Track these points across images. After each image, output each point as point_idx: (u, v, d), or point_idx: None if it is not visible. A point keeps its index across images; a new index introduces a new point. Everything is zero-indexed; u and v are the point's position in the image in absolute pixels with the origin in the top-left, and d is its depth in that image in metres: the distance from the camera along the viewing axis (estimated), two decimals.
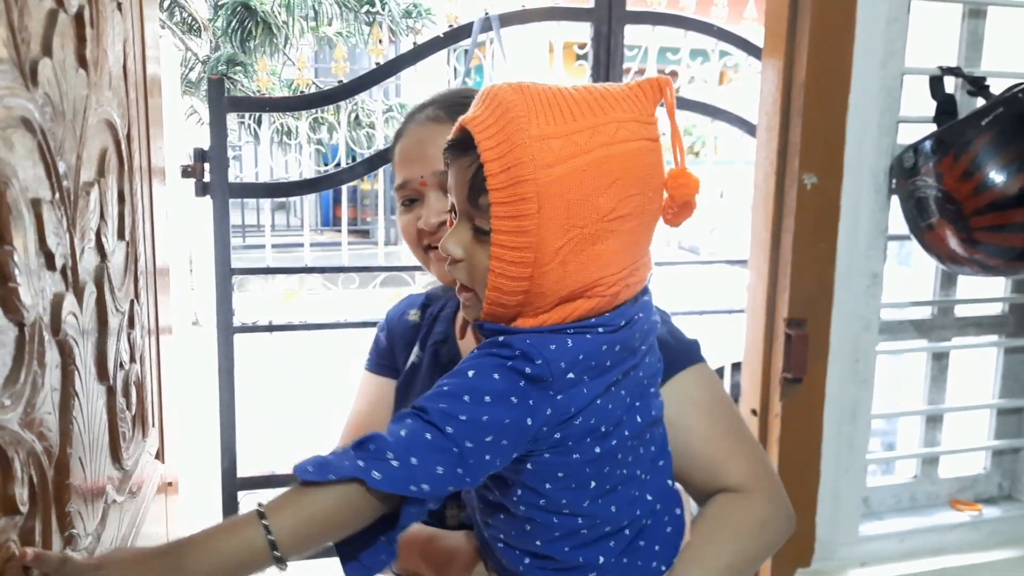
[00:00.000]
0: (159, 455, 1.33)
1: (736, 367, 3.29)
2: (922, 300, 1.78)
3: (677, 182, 0.80)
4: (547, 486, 0.82)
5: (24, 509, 0.67)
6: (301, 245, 3.02)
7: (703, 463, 0.96)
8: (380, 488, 0.71)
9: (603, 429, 0.82)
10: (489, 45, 2.93)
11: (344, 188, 2.98)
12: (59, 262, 0.76)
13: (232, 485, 2.60)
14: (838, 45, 1.51)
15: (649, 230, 0.82)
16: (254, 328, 2.70)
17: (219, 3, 6.47)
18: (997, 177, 1.42)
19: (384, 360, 1.22)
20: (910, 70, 1.57)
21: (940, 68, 1.58)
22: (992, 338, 1.80)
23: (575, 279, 0.77)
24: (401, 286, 3.14)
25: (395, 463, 0.71)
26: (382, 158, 2.68)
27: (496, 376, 0.76)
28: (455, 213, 0.83)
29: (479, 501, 0.91)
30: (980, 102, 1.55)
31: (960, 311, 1.78)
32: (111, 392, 0.98)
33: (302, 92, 3.02)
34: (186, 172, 2.66)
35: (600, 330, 0.80)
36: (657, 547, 0.90)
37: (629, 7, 2.86)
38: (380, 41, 2.96)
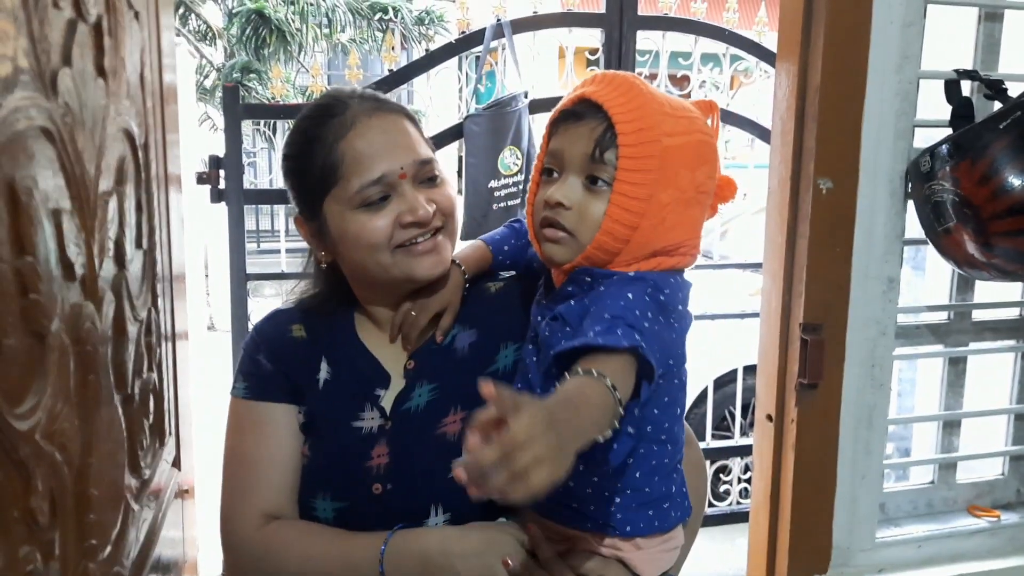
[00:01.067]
0: (176, 463, 1.34)
1: (748, 370, 3.29)
2: (939, 304, 1.77)
3: (726, 182, 0.98)
4: (655, 411, 0.91)
5: (44, 521, 0.67)
6: None
7: None
8: (649, 357, 0.80)
9: (685, 360, 0.94)
10: (501, 51, 2.94)
11: None
12: (78, 272, 0.77)
13: None
14: (853, 49, 1.50)
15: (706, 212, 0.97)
16: None
17: (233, 11, 6.50)
18: (1015, 181, 1.41)
19: (270, 386, 1.10)
20: (926, 74, 1.56)
21: (956, 72, 1.57)
22: (1009, 343, 1.79)
23: (670, 235, 0.90)
24: None
25: (644, 343, 0.81)
26: None
27: (647, 299, 0.87)
28: (551, 174, 0.95)
29: None
30: (997, 106, 1.53)
31: (977, 316, 1.76)
32: (129, 401, 0.99)
33: None
34: (201, 179, 2.68)
35: (683, 277, 0.95)
36: (684, 488, 1.00)
37: (640, 12, 2.86)
38: (393, 48, 2.97)
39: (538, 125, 2.94)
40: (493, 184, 2.87)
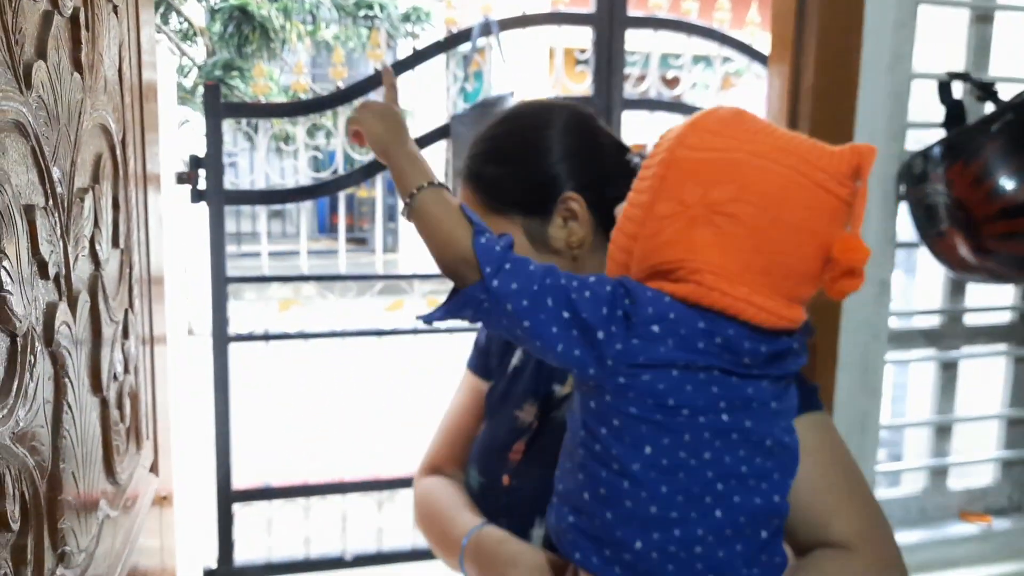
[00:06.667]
0: (153, 468, 1.30)
1: None
2: (931, 309, 1.76)
3: (846, 246, 0.78)
4: (603, 430, 0.82)
5: (16, 526, 0.64)
6: (297, 253, 2.98)
7: (807, 515, 0.90)
8: (476, 246, 0.83)
9: (671, 402, 0.79)
10: (489, 50, 2.91)
11: (341, 195, 2.95)
12: (52, 270, 0.74)
13: (227, 497, 2.57)
14: (845, 50, 1.49)
15: (759, 250, 0.79)
16: (249, 337, 2.67)
17: (216, 8, 6.44)
18: (1008, 184, 1.40)
19: (478, 359, 1.23)
20: (918, 75, 1.55)
21: (948, 73, 1.56)
22: (1001, 347, 1.78)
23: (665, 251, 0.82)
24: (399, 294, 3.11)
25: (498, 248, 0.84)
26: (379, 165, 2.65)
27: (608, 288, 0.82)
28: None
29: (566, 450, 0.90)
30: (989, 108, 1.53)
31: (969, 320, 1.75)
32: (105, 404, 0.95)
33: (299, 98, 2.99)
34: (181, 179, 2.64)
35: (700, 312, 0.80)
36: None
37: (630, 12, 2.84)
38: (378, 46, 2.93)
39: None
40: None
